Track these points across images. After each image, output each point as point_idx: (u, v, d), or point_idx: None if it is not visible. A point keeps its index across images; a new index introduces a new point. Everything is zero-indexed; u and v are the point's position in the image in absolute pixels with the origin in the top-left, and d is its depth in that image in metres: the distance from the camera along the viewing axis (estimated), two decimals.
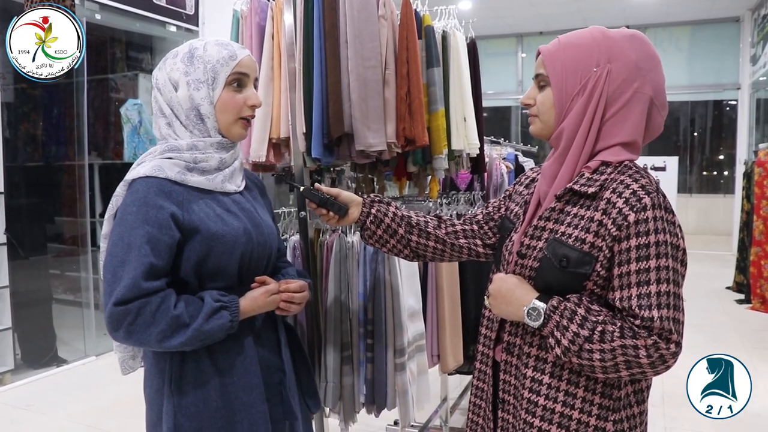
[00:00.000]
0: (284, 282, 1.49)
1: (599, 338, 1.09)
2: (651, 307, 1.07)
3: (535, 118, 1.28)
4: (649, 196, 1.11)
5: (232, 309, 1.35)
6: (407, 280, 2.04)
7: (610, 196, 1.14)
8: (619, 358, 1.08)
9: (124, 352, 1.50)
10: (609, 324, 1.10)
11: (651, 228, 1.10)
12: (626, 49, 1.17)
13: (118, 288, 1.25)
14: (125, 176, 1.36)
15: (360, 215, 1.53)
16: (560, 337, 1.12)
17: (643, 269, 1.09)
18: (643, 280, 1.09)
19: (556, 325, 1.13)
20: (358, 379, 2.01)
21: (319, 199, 1.51)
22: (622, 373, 1.10)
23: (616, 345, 1.08)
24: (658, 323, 1.06)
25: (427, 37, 2.28)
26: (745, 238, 6.56)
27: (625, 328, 1.08)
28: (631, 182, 1.14)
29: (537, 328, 1.17)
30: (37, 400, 3.87)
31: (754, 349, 4.68)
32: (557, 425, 1.18)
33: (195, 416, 1.36)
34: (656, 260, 1.09)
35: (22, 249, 4.45)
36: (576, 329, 1.11)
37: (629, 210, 1.11)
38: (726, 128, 11.84)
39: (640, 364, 1.08)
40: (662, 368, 1.10)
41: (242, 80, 1.41)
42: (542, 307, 1.16)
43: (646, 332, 1.07)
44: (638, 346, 1.07)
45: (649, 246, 1.09)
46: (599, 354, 1.09)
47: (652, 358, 1.07)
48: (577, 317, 1.12)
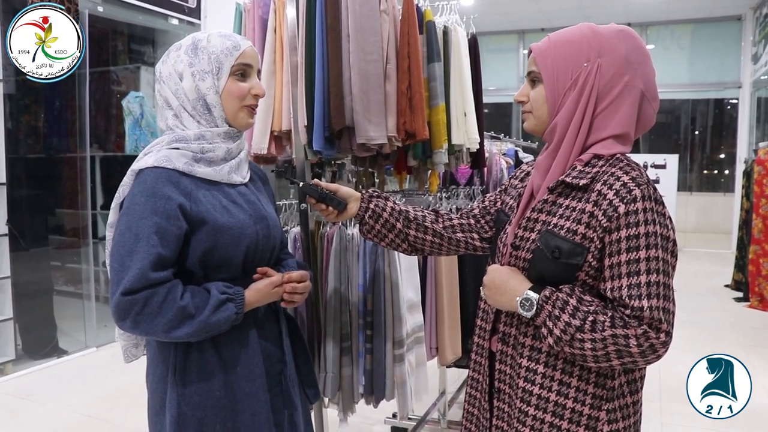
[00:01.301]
0: (287, 273, 1.50)
1: (590, 328, 1.11)
2: (641, 297, 1.09)
3: (528, 115, 1.30)
4: (639, 188, 1.13)
5: (237, 301, 1.37)
6: (406, 273, 2.05)
7: (601, 188, 1.16)
8: (610, 347, 1.10)
9: (127, 341, 1.52)
10: (600, 314, 1.12)
11: (641, 219, 1.12)
12: (615, 44, 1.20)
13: (126, 278, 1.26)
14: (132, 166, 1.37)
15: (358, 210, 1.55)
16: (552, 326, 1.15)
17: (633, 260, 1.11)
18: (633, 270, 1.11)
19: (548, 315, 1.16)
20: (357, 370, 2.03)
21: (318, 194, 1.53)
22: (613, 362, 1.12)
23: (607, 334, 1.10)
24: (648, 313, 1.08)
25: (428, 32, 2.29)
26: (744, 237, 6.58)
27: (616, 317, 1.10)
28: (622, 174, 1.16)
29: (530, 318, 1.19)
30: (38, 390, 3.90)
31: (752, 347, 4.70)
32: (551, 413, 1.21)
33: (198, 405, 1.37)
34: (646, 251, 1.11)
35: (23, 240, 4.47)
36: (568, 319, 1.13)
37: (620, 201, 1.13)
38: (727, 127, 11.82)
39: (631, 353, 1.10)
40: (653, 357, 1.11)
41: (246, 71, 1.43)
42: (535, 298, 1.18)
43: (636, 322, 1.09)
44: (629, 335, 1.09)
45: (639, 237, 1.11)
46: (591, 343, 1.11)
47: (643, 347, 1.09)
48: (569, 307, 1.14)
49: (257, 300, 1.43)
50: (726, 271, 7.34)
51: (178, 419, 1.37)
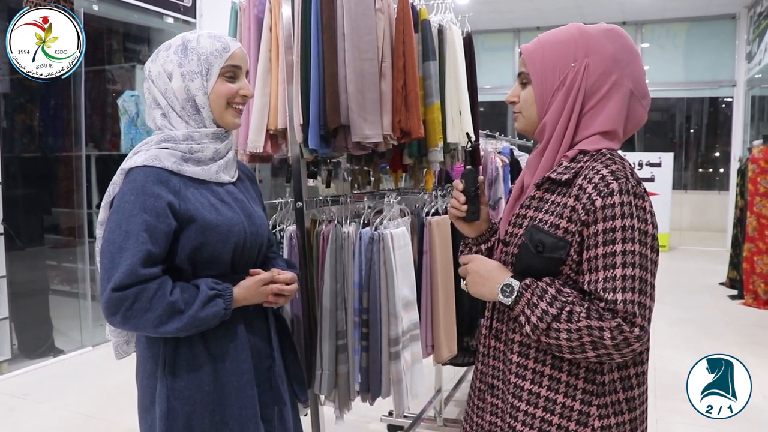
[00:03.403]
0: (276, 271, 1.52)
1: (567, 318, 1.12)
2: (615, 290, 1.10)
3: (519, 115, 1.32)
4: (617, 181, 1.14)
5: (226, 297, 1.39)
6: (402, 271, 2.06)
7: (581, 183, 1.17)
8: (585, 338, 1.11)
9: (118, 338, 1.53)
10: (577, 305, 1.13)
11: (617, 213, 1.12)
12: (603, 43, 1.21)
13: (116, 274, 1.28)
14: (122, 165, 1.39)
15: (485, 233, 1.45)
16: (530, 314, 1.16)
17: (609, 253, 1.12)
18: (609, 263, 1.12)
19: (527, 303, 1.17)
20: (353, 368, 2.04)
21: (475, 187, 1.40)
22: (588, 353, 1.13)
23: (582, 325, 1.11)
24: (622, 306, 1.09)
25: (423, 30, 2.30)
26: (739, 234, 6.60)
27: (592, 309, 1.11)
28: (602, 168, 1.17)
29: (509, 305, 1.21)
30: (34, 389, 3.89)
31: (746, 344, 4.72)
32: (542, 408, 1.22)
33: (188, 399, 1.40)
34: (622, 244, 1.11)
35: (18, 239, 4.46)
36: (545, 307, 1.14)
37: (597, 195, 1.14)
38: (721, 125, 11.87)
39: (605, 345, 1.10)
40: (627, 351, 1.12)
41: (235, 72, 1.46)
42: (516, 285, 1.20)
43: (611, 314, 1.10)
44: (603, 327, 1.09)
45: (615, 230, 1.12)
46: (566, 333, 1.12)
47: (616, 340, 1.09)
48: (547, 296, 1.15)
49: (245, 297, 1.45)
50: (721, 268, 7.36)
51: (167, 413, 1.39)
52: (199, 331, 1.37)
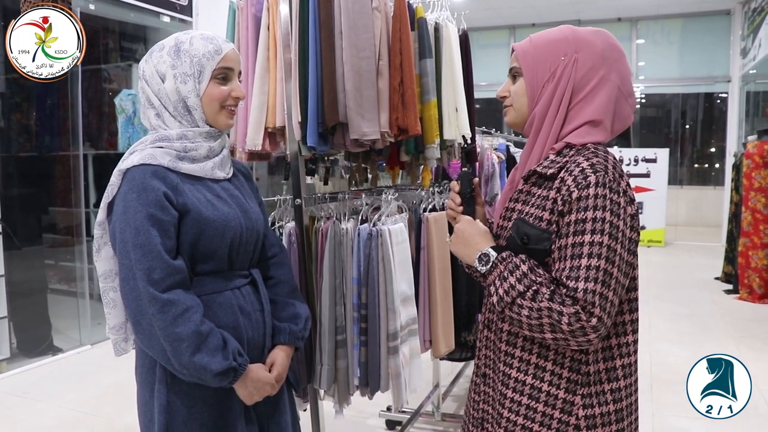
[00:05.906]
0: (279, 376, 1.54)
1: (531, 296, 1.15)
2: (578, 278, 1.12)
3: (509, 108, 1.36)
4: (595, 174, 1.16)
5: (238, 373, 1.40)
6: (400, 266, 2.08)
7: (563, 176, 1.20)
8: (545, 319, 1.14)
9: (117, 335, 1.55)
10: (544, 286, 1.15)
11: (590, 204, 1.14)
12: (592, 41, 1.26)
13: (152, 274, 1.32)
14: (118, 165, 1.41)
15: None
16: (498, 286, 1.20)
17: (577, 243, 1.14)
18: (576, 253, 1.14)
19: (498, 275, 1.21)
20: (353, 362, 2.06)
21: (470, 189, 1.46)
22: (546, 334, 1.16)
23: (543, 306, 1.13)
24: (581, 294, 1.11)
25: (419, 28, 2.32)
26: (734, 229, 6.64)
27: (556, 293, 1.14)
28: (583, 161, 1.20)
29: (483, 274, 1.24)
30: (33, 388, 3.91)
31: (742, 339, 4.76)
32: (528, 396, 1.25)
33: (187, 394, 1.42)
34: (591, 235, 1.13)
35: (16, 239, 4.47)
36: (513, 282, 1.18)
37: (575, 187, 1.16)
38: (716, 121, 11.90)
39: (562, 330, 1.13)
40: (583, 340, 1.14)
41: (227, 74, 1.48)
42: (492, 255, 1.23)
43: (571, 301, 1.12)
44: (562, 312, 1.12)
45: (586, 221, 1.14)
46: (527, 311, 1.15)
47: (573, 327, 1.12)
48: (518, 272, 1.18)
49: (250, 386, 1.45)
50: (716, 263, 7.40)
51: (167, 407, 1.41)
52: (188, 378, 1.37)
